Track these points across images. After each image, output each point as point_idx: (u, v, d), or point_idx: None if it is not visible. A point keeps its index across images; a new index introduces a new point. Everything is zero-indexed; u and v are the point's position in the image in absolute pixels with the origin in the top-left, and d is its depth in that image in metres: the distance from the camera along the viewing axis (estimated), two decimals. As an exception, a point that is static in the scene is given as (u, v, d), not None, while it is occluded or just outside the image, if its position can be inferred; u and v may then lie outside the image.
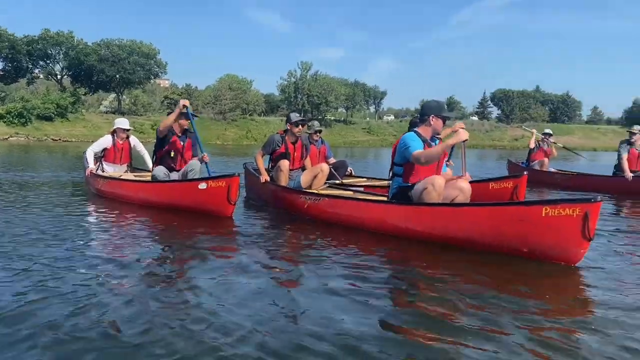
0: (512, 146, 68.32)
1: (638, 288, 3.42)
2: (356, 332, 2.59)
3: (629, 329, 2.69)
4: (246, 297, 3.13)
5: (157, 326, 2.63)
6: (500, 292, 3.24)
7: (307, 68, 72.46)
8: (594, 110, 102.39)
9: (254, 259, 4.05)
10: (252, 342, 2.47)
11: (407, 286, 3.43)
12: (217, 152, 28.45)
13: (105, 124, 52.29)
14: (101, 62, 60.15)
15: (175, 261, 4.03)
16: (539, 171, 11.48)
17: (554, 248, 3.86)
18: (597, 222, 3.79)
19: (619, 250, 4.63)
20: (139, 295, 3.11)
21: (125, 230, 5.21)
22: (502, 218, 4.07)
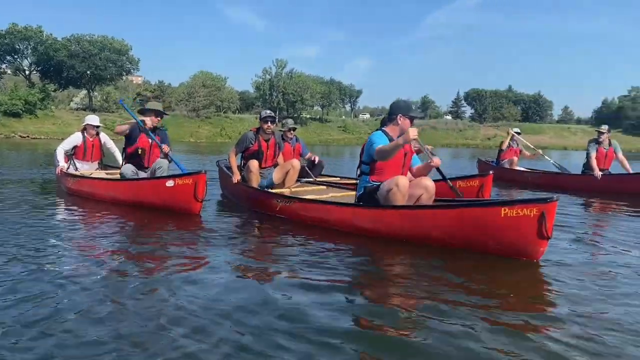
0: (485, 145, 69.18)
1: (596, 283, 3.52)
2: (321, 327, 2.63)
3: (586, 322, 2.78)
4: (212, 294, 3.13)
5: (124, 324, 2.62)
6: (464, 288, 3.33)
7: (282, 66, 72.31)
8: (564, 110, 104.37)
9: (221, 257, 4.05)
10: (218, 339, 2.47)
11: (374, 283, 3.46)
12: (190, 150, 28.24)
13: (76, 120, 51.21)
14: (71, 57, 58.94)
15: (142, 259, 3.99)
16: (509, 170, 11.60)
17: (515, 246, 4.00)
18: (556, 220, 3.90)
19: (581, 246, 4.77)
20: (106, 293, 3.11)
21: (93, 229, 5.19)
22: (464, 219, 4.21)
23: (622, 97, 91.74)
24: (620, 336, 2.60)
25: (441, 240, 4.38)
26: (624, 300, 3.16)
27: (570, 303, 3.08)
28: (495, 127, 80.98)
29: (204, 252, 4.27)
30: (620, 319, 2.83)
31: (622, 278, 3.67)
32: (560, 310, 2.95)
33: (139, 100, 62.04)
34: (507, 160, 11.87)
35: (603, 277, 3.69)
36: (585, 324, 2.74)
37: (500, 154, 12.17)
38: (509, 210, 3.92)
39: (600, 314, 2.90)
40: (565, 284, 3.46)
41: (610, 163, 10.07)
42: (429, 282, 3.46)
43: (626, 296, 3.26)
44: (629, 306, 3.06)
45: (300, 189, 6.88)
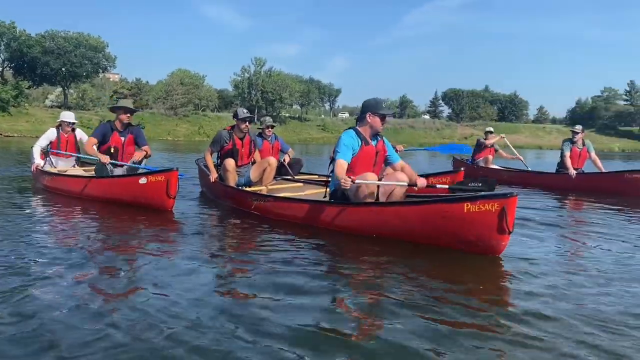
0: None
1: (556, 279, 3.57)
2: (280, 324, 2.64)
3: (544, 315, 2.83)
4: (175, 292, 3.12)
5: (94, 322, 2.62)
6: (425, 285, 3.36)
7: (261, 64, 72.04)
8: (540, 110, 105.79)
9: (189, 254, 4.06)
10: (178, 338, 2.47)
11: (337, 280, 3.46)
12: (167, 148, 27.99)
13: (50, 118, 50.29)
14: (46, 54, 57.85)
15: (111, 256, 4.02)
16: (484, 168, 11.77)
17: (477, 241, 4.04)
18: (526, 217, 4.00)
19: (546, 242, 4.84)
20: (75, 291, 3.10)
21: (66, 227, 5.18)
22: (429, 215, 4.27)
23: (595, 98, 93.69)
24: (576, 330, 2.65)
25: (408, 236, 4.42)
26: (582, 295, 3.22)
27: (530, 298, 3.12)
28: (472, 126, 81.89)
29: (173, 249, 4.28)
30: (577, 313, 2.88)
31: (583, 273, 3.75)
32: (519, 306, 2.98)
33: (116, 98, 61.24)
34: (482, 158, 12.08)
35: (564, 273, 3.75)
36: (542, 320, 2.76)
37: (475, 152, 12.35)
38: (471, 206, 3.97)
39: (559, 310, 2.94)
40: (526, 280, 3.50)
41: (583, 162, 10.27)
42: (393, 279, 3.49)
43: (584, 291, 3.32)
44: (584, 301, 3.11)
45: (278, 186, 6.93)
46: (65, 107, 56.25)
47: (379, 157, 5.08)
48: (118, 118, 6.98)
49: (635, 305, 3.05)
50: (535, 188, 10.01)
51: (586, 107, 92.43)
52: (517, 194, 3.91)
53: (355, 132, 5.00)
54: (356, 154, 4.92)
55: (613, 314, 2.89)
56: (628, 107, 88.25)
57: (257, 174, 6.75)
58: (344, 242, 4.61)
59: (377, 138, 5.10)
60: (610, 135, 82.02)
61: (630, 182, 9.15)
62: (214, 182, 6.79)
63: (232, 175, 6.69)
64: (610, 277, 3.65)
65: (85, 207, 6.26)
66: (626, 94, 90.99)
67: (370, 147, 5.00)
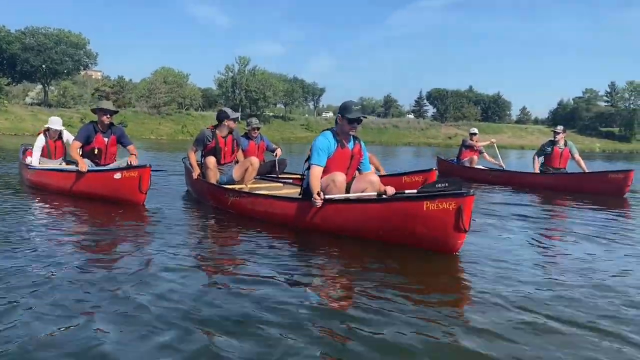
0: (446, 144, 70.31)
1: (510, 277, 3.62)
2: (257, 319, 2.68)
3: (499, 312, 2.88)
4: (134, 286, 3.16)
5: (57, 317, 2.63)
6: (381, 282, 3.40)
7: (245, 63, 71.74)
8: (522, 111, 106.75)
9: (155, 249, 4.11)
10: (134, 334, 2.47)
11: (296, 277, 3.48)
12: (151, 147, 27.89)
13: (30, 116, 49.59)
14: (25, 50, 57.02)
15: (81, 249, 4.09)
16: (469, 168, 11.87)
17: (436, 239, 4.12)
18: (472, 214, 4.04)
19: (514, 240, 4.94)
20: (48, 285, 3.11)
21: (42, 220, 5.33)
22: (392, 212, 4.34)
23: (576, 99, 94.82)
24: (527, 328, 2.67)
25: (373, 233, 4.49)
26: (535, 292, 3.24)
27: (483, 296, 3.15)
28: (456, 126, 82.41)
29: (140, 244, 4.34)
30: (528, 309, 2.92)
31: (539, 271, 3.81)
32: (473, 303, 3.05)
33: (98, 96, 60.60)
34: (467, 159, 12.18)
35: (523, 271, 3.78)
36: (494, 317, 2.80)
37: (460, 152, 12.40)
38: (430, 204, 4.04)
39: (509, 307, 2.97)
40: (484, 278, 3.55)
41: (566, 162, 10.34)
42: (351, 277, 3.54)
43: (536, 287, 3.35)
44: (535, 298, 3.15)
45: (259, 185, 6.96)
46: (45, 105, 55.52)
47: (354, 160, 5.08)
48: (100, 119, 7.09)
49: (587, 300, 3.14)
50: (519, 188, 10.05)
51: (568, 108, 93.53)
52: (474, 194, 3.98)
53: (332, 134, 4.98)
54: (331, 156, 4.91)
55: (564, 309, 2.96)
56: (609, 108, 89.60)
57: (239, 173, 6.74)
58: (310, 239, 4.70)
59: (354, 141, 5.09)
60: (591, 135, 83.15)
61: (613, 182, 9.21)
62: (196, 179, 6.84)
63: (213, 173, 6.73)
64: (567, 273, 3.74)
65: (62, 201, 6.48)
66: (607, 95, 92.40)
67: (346, 150, 4.99)
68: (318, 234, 4.79)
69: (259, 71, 71.49)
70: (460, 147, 12.58)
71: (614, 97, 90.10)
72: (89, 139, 7.04)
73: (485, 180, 11.25)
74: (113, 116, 7.21)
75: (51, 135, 8.32)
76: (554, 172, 10.22)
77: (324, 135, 4.96)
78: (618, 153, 62.26)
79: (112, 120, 7.23)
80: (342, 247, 4.36)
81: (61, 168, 7.45)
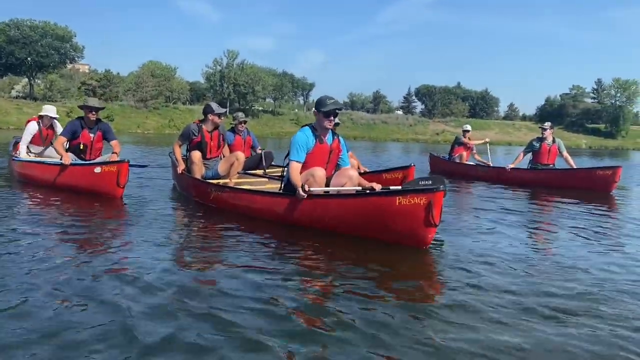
0: (434, 140, 70.60)
1: (479, 270, 3.67)
2: (230, 311, 2.70)
3: (467, 304, 2.94)
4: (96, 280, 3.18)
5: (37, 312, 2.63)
6: (361, 275, 3.48)
7: (233, 56, 71.34)
8: (510, 107, 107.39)
9: (136, 241, 4.20)
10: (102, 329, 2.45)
11: (270, 272, 3.49)
12: (137, 141, 27.75)
13: (15, 109, 48.93)
14: (10, 43, 56.19)
15: (55, 241, 4.17)
16: (461, 164, 12.00)
17: (407, 233, 4.22)
18: (443, 210, 4.14)
19: (488, 235, 5.00)
20: (22, 277, 3.15)
21: (18, 211, 5.46)
22: (366, 207, 4.44)
23: (563, 95, 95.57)
24: (493, 322, 2.70)
25: (349, 228, 4.57)
26: (499, 288, 3.26)
27: (451, 291, 3.20)
28: (444, 122, 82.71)
29: (115, 237, 4.39)
30: (490, 305, 2.94)
31: (507, 266, 3.82)
32: (442, 297, 3.10)
33: (84, 89, 60.01)
34: (458, 155, 12.34)
35: (494, 266, 3.82)
36: (460, 310, 2.84)
37: (453, 149, 12.55)
38: (402, 199, 4.14)
39: (476, 300, 3.01)
40: (464, 272, 3.62)
41: (554, 159, 10.39)
42: (324, 271, 3.58)
43: (504, 283, 3.37)
44: (502, 292, 3.18)
45: (243, 180, 6.96)
46: (30, 98, 54.81)
47: (333, 155, 5.13)
48: (86, 115, 7.23)
49: (562, 293, 3.20)
50: (508, 184, 10.08)
51: (555, 104, 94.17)
52: (443, 189, 4.06)
53: (310, 129, 5.04)
54: (310, 151, 4.97)
55: (538, 299, 3.05)
56: (595, 105, 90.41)
57: (224, 168, 6.76)
58: (287, 234, 4.74)
59: (333, 137, 5.15)
60: (578, 132, 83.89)
61: (600, 178, 9.27)
62: (181, 173, 6.81)
63: (198, 167, 6.71)
64: (539, 268, 3.82)
65: (44, 193, 6.66)
66: (593, 92, 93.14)
67: (324, 145, 5.05)
68: (296, 228, 4.85)
69: (247, 65, 71.12)
70: (453, 143, 12.70)
71: (601, 94, 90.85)
72: (75, 134, 7.18)
73: (475, 176, 11.35)
74: (99, 112, 7.35)
75: (44, 123, 8.40)
76: (542, 168, 10.26)
77: (303, 131, 5.02)
78: (604, 149, 62.80)
79: (98, 116, 7.36)
80: (320, 242, 4.40)
81: (45, 161, 7.63)
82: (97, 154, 7.42)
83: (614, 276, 3.63)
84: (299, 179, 4.83)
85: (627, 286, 3.39)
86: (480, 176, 11.24)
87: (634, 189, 10.89)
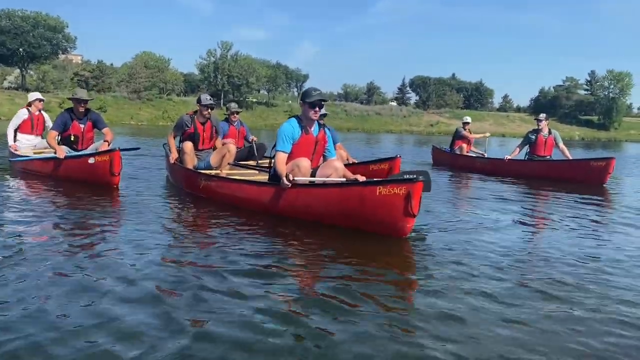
0: (428, 132, 70.66)
1: (455, 260, 3.70)
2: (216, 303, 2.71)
3: (444, 292, 2.99)
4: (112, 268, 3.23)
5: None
6: (342, 264, 3.54)
7: (227, 48, 70.97)
8: (504, 98, 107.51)
9: (127, 231, 4.29)
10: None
11: (252, 263, 3.50)
12: (131, 133, 27.68)
13: (7, 100, 48.59)
14: (2, 33, 55.68)
15: (52, 230, 4.26)
16: (461, 156, 12.16)
17: (387, 223, 4.28)
18: (421, 200, 4.17)
19: (467, 225, 5.05)
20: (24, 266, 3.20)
21: (16, 202, 5.56)
22: (348, 197, 4.52)
23: (557, 87, 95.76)
24: (470, 311, 2.71)
25: (332, 218, 4.64)
26: (478, 279, 3.27)
27: (430, 280, 3.23)
28: (438, 114, 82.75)
29: (105, 227, 4.42)
30: (471, 295, 2.95)
31: (494, 257, 3.83)
32: (419, 285, 3.16)
33: (77, 80, 59.58)
34: (458, 147, 12.44)
35: (475, 257, 3.82)
36: (441, 302, 2.84)
37: (454, 141, 12.66)
38: (383, 189, 4.21)
39: (456, 292, 3.01)
40: (428, 260, 3.70)
41: (550, 150, 10.37)
42: (307, 262, 3.63)
43: (480, 275, 3.36)
44: (495, 281, 3.22)
45: (235, 171, 7.04)
46: (22, 89, 54.36)
47: (319, 146, 5.22)
48: (75, 107, 7.43)
49: (542, 281, 3.23)
50: (505, 175, 10.12)
51: (549, 96, 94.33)
52: (422, 180, 4.13)
53: (297, 121, 5.14)
54: (296, 142, 5.06)
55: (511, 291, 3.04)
56: (588, 97, 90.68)
57: (216, 159, 6.84)
58: (273, 224, 4.80)
59: (319, 128, 5.23)
60: (571, 124, 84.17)
61: (594, 170, 9.31)
62: (173, 164, 6.92)
63: (190, 158, 6.79)
64: (524, 257, 3.87)
65: (44, 184, 6.83)
66: (587, 83, 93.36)
67: (310, 136, 5.13)
68: (281, 218, 4.91)
69: (241, 56, 70.80)
70: (454, 136, 12.81)
71: (594, 86, 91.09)
72: (65, 126, 7.37)
73: (474, 168, 11.44)
74: (88, 103, 7.55)
75: (36, 108, 8.76)
76: (538, 159, 10.30)
77: (289, 122, 5.14)
78: (597, 141, 63.12)
79: (87, 107, 7.54)
80: (302, 232, 4.45)
81: (41, 157, 7.84)
82: (89, 143, 7.57)
83: (603, 266, 3.66)
84: (284, 169, 4.90)
85: (615, 276, 3.43)
86: (479, 168, 11.30)
87: (627, 180, 10.96)
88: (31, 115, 8.74)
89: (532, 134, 10.42)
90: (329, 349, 2.24)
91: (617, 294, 3.05)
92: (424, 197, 4.37)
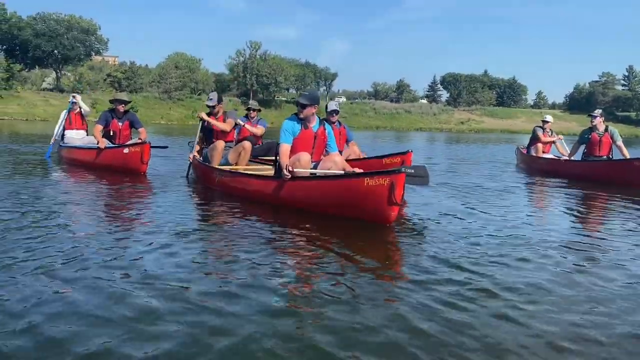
0: (459, 129, 69.66)
1: (437, 246, 3.90)
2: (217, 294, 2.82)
3: (425, 277, 3.14)
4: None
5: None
6: (331, 250, 3.78)
7: (256, 47, 71.32)
8: (538, 95, 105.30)
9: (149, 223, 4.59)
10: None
11: (249, 252, 3.65)
12: (161, 132, 28.15)
13: (42, 102, 49.69)
14: (37, 36, 57.12)
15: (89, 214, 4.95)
16: (533, 157, 11.50)
17: (374, 211, 4.62)
18: (404, 190, 4.46)
19: (445, 215, 5.26)
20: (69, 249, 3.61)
21: (70, 189, 6.48)
22: (340, 188, 4.91)
23: (593, 83, 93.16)
24: (443, 298, 2.79)
25: (328, 208, 5.01)
26: (460, 270, 3.32)
27: (417, 269, 3.34)
28: (469, 111, 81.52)
29: (129, 220, 4.85)
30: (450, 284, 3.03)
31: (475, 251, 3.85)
32: (400, 269, 3.40)
33: (109, 81, 60.76)
34: (533, 147, 11.66)
35: (469, 246, 3.94)
36: (423, 290, 2.92)
37: (531, 142, 11.85)
38: (370, 180, 4.55)
39: (437, 283, 3.08)
40: (411, 246, 3.98)
41: (607, 149, 9.44)
42: (299, 250, 3.84)
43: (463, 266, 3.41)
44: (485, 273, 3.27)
45: (252, 167, 7.36)
46: (57, 90, 55.58)
47: (318, 141, 5.65)
48: (116, 108, 8.80)
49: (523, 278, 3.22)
50: (562, 177, 9.39)
51: (584, 92, 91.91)
52: (404, 171, 4.47)
53: (295, 117, 5.61)
54: (296, 136, 5.54)
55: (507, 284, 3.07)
56: (626, 93, 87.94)
57: (233, 157, 7.27)
58: (278, 215, 5.21)
59: (320, 124, 5.69)
60: (608, 120, 79.32)
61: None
62: (193, 160, 7.59)
63: (218, 155, 7.17)
64: (516, 253, 3.84)
65: (85, 171, 8.11)
66: (624, 79, 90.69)
67: (309, 131, 5.60)
68: (283, 208, 5.34)
69: (270, 56, 71.03)
70: (531, 136, 11.98)
71: (632, 81, 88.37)
72: (107, 122, 8.77)
73: (536, 169, 10.93)
74: (126, 105, 8.92)
75: (74, 109, 10.23)
76: (592, 160, 9.49)
77: (290, 118, 5.67)
78: (635, 138, 61.05)
79: (126, 108, 8.96)
80: (301, 221, 4.71)
81: (85, 146, 9.35)
82: (126, 140, 8.86)
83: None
84: (286, 160, 5.34)
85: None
86: (544, 170, 10.60)
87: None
88: (70, 115, 10.25)
89: (587, 132, 9.67)
90: (323, 341, 2.26)
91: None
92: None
